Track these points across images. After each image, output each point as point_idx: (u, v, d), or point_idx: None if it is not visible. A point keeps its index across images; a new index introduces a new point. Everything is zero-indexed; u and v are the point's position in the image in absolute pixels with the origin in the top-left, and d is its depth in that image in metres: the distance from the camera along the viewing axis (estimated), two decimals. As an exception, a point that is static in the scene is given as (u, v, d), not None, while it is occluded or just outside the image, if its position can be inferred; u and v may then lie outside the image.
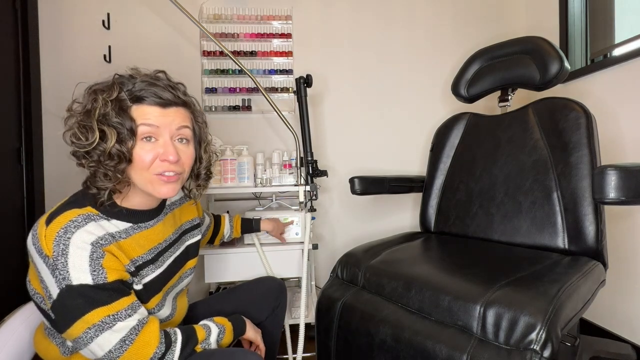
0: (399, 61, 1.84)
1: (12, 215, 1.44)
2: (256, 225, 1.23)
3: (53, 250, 0.57)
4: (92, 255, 0.59)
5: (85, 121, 0.63)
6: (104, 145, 0.62)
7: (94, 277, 0.58)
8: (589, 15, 1.59)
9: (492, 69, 1.29)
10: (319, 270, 1.81)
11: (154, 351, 0.62)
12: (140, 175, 0.67)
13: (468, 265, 0.92)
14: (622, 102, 1.32)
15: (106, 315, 0.59)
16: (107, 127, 0.62)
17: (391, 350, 0.80)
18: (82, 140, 0.63)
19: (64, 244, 0.57)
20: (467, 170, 1.29)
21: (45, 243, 0.58)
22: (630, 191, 0.74)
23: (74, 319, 0.58)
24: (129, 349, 0.60)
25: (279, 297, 1.05)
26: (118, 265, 0.63)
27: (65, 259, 0.57)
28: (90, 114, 0.63)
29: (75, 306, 0.58)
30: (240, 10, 1.71)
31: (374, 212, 1.86)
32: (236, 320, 0.83)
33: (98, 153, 0.63)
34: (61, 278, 0.57)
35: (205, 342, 0.71)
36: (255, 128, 1.75)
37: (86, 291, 0.58)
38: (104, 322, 0.59)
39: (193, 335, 0.70)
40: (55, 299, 0.58)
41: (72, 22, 1.62)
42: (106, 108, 0.63)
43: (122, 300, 0.61)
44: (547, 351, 0.64)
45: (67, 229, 0.58)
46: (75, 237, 0.58)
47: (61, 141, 0.71)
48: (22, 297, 1.46)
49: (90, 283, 0.58)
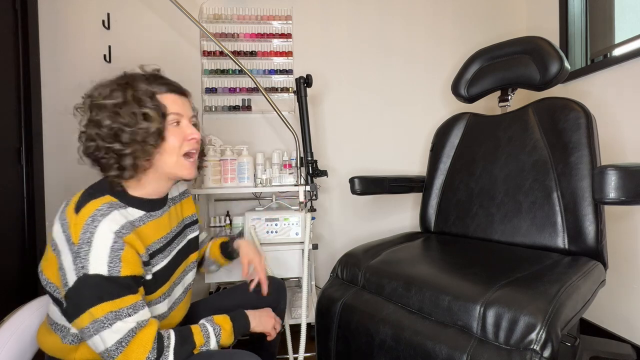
0: (399, 61, 1.84)
1: (12, 215, 1.44)
2: (231, 246, 1.02)
3: (80, 238, 0.61)
4: (113, 246, 0.62)
5: (128, 107, 0.68)
6: (146, 124, 0.68)
7: (109, 268, 0.61)
8: (589, 15, 1.59)
9: (492, 69, 1.29)
10: (319, 270, 1.81)
11: (145, 357, 0.62)
12: (170, 157, 0.73)
13: (468, 265, 0.92)
14: (622, 102, 1.32)
15: (110, 311, 0.60)
16: (147, 109, 0.69)
17: (391, 350, 0.80)
18: (130, 122, 0.67)
19: (90, 232, 0.61)
20: (467, 170, 1.29)
21: (74, 231, 0.61)
22: (630, 191, 0.74)
23: (83, 309, 0.60)
24: (124, 350, 0.61)
25: (278, 296, 1.04)
26: (135, 260, 0.66)
27: (88, 247, 0.60)
28: (129, 101, 0.69)
29: (86, 296, 0.60)
30: (240, 10, 1.71)
31: (374, 212, 1.86)
32: (237, 318, 0.80)
33: (142, 133, 0.68)
34: (80, 266, 0.60)
35: (205, 346, 0.71)
36: (255, 128, 1.75)
37: (99, 282, 0.60)
38: (106, 318, 0.60)
39: (189, 337, 0.70)
40: (71, 286, 0.61)
41: (72, 22, 1.62)
42: (142, 95, 0.70)
43: (128, 297, 0.63)
44: (547, 351, 0.64)
45: (94, 218, 0.62)
46: (101, 226, 0.62)
47: (61, 141, 0.73)
48: (23, 296, 1.47)
49: (105, 274, 0.61)
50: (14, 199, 1.45)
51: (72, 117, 1.72)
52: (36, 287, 1.53)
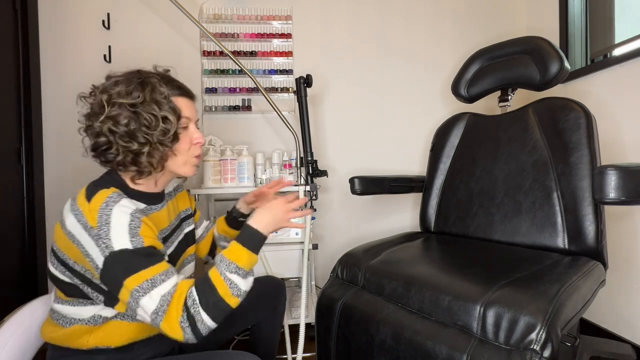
0: (399, 61, 1.84)
1: (12, 215, 1.44)
2: (235, 211, 1.05)
3: (97, 221, 0.63)
4: (130, 224, 0.64)
5: (148, 108, 0.70)
6: (164, 127, 0.71)
7: (132, 242, 0.63)
8: (589, 15, 1.59)
9: (492, 69, 1.29)
10: (319, 270, 1.81)
11: (179, 324, 0.62)
12: (180, 158, 0.77)
13: (468, 265, 0.92)
14: (622, 102, 1.32)
15: (145, 280, 0.62)
16: (166, 112, 0.71)
17: (391, 350, 0.80)
18: (149, 124, 0.69)
19: (107, 215, 0.64)
20: (467, 170, 1.29)
21: (90, 216, 0.64)
22: (630, 191, 0.74)
23: (120, 285, 0.62)
24: (164, 317, 0.62)
25: (278, 296, 1.05)
26: (152, 234, 0.68)
27: (108, 228, 0.63)
28: (148, 101, 0.70)
29: (119, 271, 0.62)
30: (240, 10, 1.71)
31: (374, 212, 1.86)
32: (247, 239, 0.72)
33: (159, 135, 0.70)
34: (104, 247, 0.62)
35: (232, 290, 0.67)
36: (255, 128, 1.75)
37: (127, 256, 0.63)
38: (141, 287, 0.62)
39: (213, 296, 0.65)
40: (102, 268, 0.63)
41: (72, 22, 1.62)
42: (160, 97, 0.71)
43: (158, 265, 0.65)
44: (547, 351, 0.64)
45: (107, 203, 0.65)
46: (115, 209, 0.64)
47: (61, 141, 0.73)
48: (23, 296, 1.47)
49: (130, 247, 0.63)
50: (14, 199, 1.45)
51: (73, 117, 1.73)
52: (36, 287, 1.53)
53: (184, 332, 0.62)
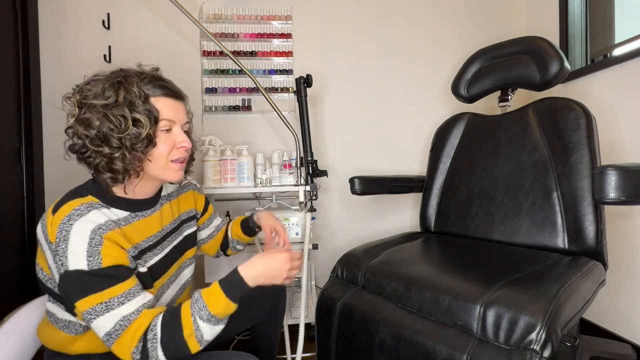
0: (399, 61, 1.84)
1: (12, 215, 1.44)
2: (252, 221, 1.03)
3: (56, 236, 0.60)
4: (90, 242, 0.60)
5: (118, 109, 0.65)
6: (136, 130, 0.66)
7: (89, 262, 0.59)
8: (589, 15, 1.59)
9: (492, 69, 1.29)
10: (319, 270, 1.81)
11: (131, 352, 0.60)
12: (157, 163, 0.71)
13: (468, 265, 0.92)
14: (622, 102, 1.32)
15: (97, 303, 0.59)
16: (138, 114, 0.66)
17: (391, 350, 0.80)
18: (118, 127, 0.65)
19: (66, 231, 0.60)
20: (467, 170, 1.29)
21: (50, 230, 0.61)
22: (630, 191, 0.74)
23: (72, 302, 0.61)
24: (115, 342, 0.60)
25: (278, 296, 1.05)
26: (117, 253, 0.63)
27: (65, 245, 0.60)
28: (120, 103, 0.66)
29: (72, 291, 0.60)
30: (240, 10, 1.71)
31: (374, 212, 1.86)
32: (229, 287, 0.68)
33: (131, 138, 0.66)
34: (60, 264, 0.60)
35: (196, 336, 0.62)
36: (255, 128, 1.75)
37: (81, 277, 0.59)
38: (94, 309, 0.59)
39: (176, 332, 0.62)
40: (58, 283, 0.62)
41: (72, 22, 1.62)
42: (134, 97, 0.67)
43: (118, 286, 0.61)
44: (547, 351, 0.64)
45: (70, 217, 0.61)
46: (77, 225, 0.61)
47: (61, 141, 0.72)
48: (23, 296, 1.47)
49: (85, 269, 0.59)
50: (14, 199, 1.45)
51: (72, 117, 1.70)
52: (36, 287, 1.53)
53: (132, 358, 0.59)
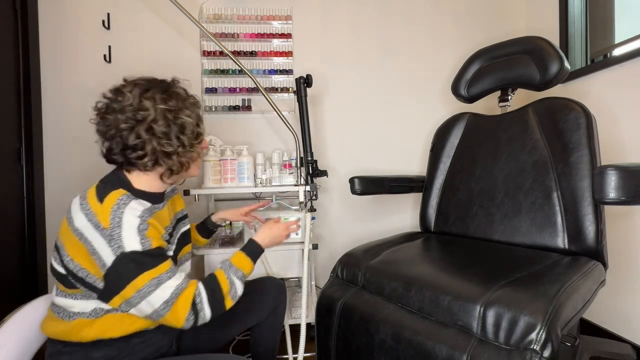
0: (399, 61, 1.84)
1: (12, 215, 1.44)
2: (208, 219, 1.14)
3: (110, 222, 0.68)
4: (139, 227, 0.70)
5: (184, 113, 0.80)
6: (198, 130, 0.84)
7: (142, 244, 0.69)
8: (589, 15, 1.59)
9: (492, 69, 1.29)
10: (319, 270, 1.81)
11: (185, 317, 0.71)
12: (196, 162, 0.88)
13: (468, 265, 0.92)
14: (622, 102, 1.32)
15: (152, 278, 0.69)
16: (197, 119, 0.84)
17: (391, 350, 0.80)
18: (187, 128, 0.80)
19: (119, 217, 0.68)
20: (467, 170, 1.29)
21: (102, 217, 0.68)
22: (630, 191, 0.74)
23: (126, 282, 0.68)
24: (171, 308, 0.69)
25: (278, 296, 1.05)
26: (157, 235, 0.74)
27: (119, 230, 0.68)
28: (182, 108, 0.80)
29: (127, 270, 0.68)
30: (240, 10, 1.71)
31: (374, 212, 1.86)
32: (251, 251, 0.89)
33: (192, 137, 0.81)
34: (117, 247, 0.67)
35: (231, 292, 0.78)
36: (255, 128, 1.75)
37: (136, 257, 0.68)
38: (149, 284, 0.68)
39: (217, 293, 0.76)
40: (110, 266, 0.67)
41: (72, 22, 1.62)
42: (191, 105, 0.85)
43: (164, 264, 0.72)
44: (547, 351, 0.64)
45: (119, 205, 0.69)
46: (126, 211, 0.69)
47: (61, 141, 0.74)
48: (23, 296, 1.47)
49: (140, 249, 0.69)
50: (14, 199, 1.45)
51: (73, 117, 1.72)
52: (37, 287, 1.53)
53: (186, 322, 0.71)
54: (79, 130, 1.61)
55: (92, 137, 1.74)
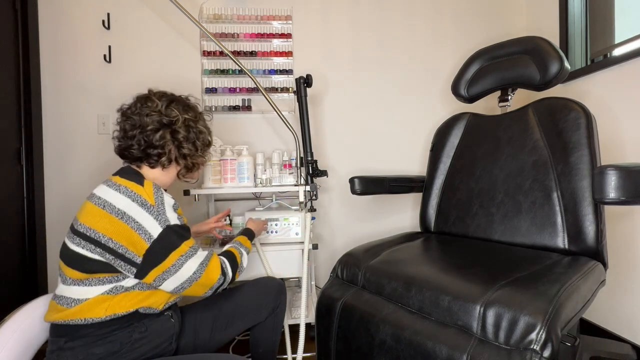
0: (399, 61, 1.84)
1: (12, 215, 1.44)
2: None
3: (155, 200, 0.79)
4: (174, 206, 0.83)
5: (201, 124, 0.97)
6: (209, 139, 1.01)
7: (179, 220, 0.82)
8: (589, 15, 1.59)
9: (492, 69, 1.29)
10: (319, 270, 1.81)
11: (219, 276, 0.85)
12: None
13: (468, 265, 0.92)
14: (622, 102, 1.32)
15: (190, 247, 0.81)
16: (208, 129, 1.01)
17: (391, 350, 0.80)
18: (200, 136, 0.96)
19: (160, 197, 0.81)
20: (467, 170, 1.29)
21: (148, 196, 0.79)
22: (630, 191, 0.74)
23: (171, 250, 0.78)
24: (205, 269, 0.82)
25: (278, 297, 1.05)
26: (183, 215, 0.87)
27: (163, 207, 0.80)
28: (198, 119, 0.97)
29: (172, 240, 0.79)
30: (240, 10, 1.71)
31: (374, 212, 1.86)
32: (249, 235, 1.09)
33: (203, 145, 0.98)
34: (163, 220, 0.78)
35: (241, 266, 0.94)
36: (255, 128, 1.75)
37: (178, 229, 0.81)
38: (190, 250, 0.81)
39: (235, 261, 0.92)
40: (156, 237, 0.77)
41: (72, 22, 1.62)
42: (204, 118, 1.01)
43: (192, 239, 0.84)
44: (547, 351, 0.64)
45: (157, 188, 0.82)
46: (163, 193, 0.82)
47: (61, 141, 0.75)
48: (24, 296, 1.47)
49: (179, 223, 0.82)
50: (14, 199, 1.45)
51: (73, 117, 1.73)
52: (37, 287, 1.53)
53: (217, 282, 0.84)
54: (79, 130, 1.61)
55: (92, 137, 1.74)
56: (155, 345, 0.80)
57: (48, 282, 1.58)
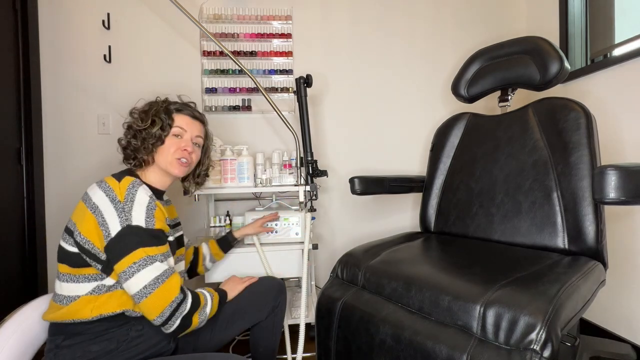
0: (399, 61, 1.84)
1: (12, 215, 1.44)
2: (230, 235, 1.22)
3: (125, 197, 0.78)
4: (148, 205, 0.79)
5: (145, 114, 0.93)
6: (152, 129, 0.91)
7: (146, 222, 0.78)
8: (589, 15, 1.59)
9: (492, 69, 1.29)
10: (319, 270, 1.81)
11: (175, 296, 0.77)
12: (165, 157, 0.93)
13: (468, 265, 0.92)
14: (622, 102, 1.32)
15: (147, 255, 0.75)
16: (156, 118, 0.92)
17: (391, 350, 0.80)
18: (141, 123, 0.91)
19: (132, 194, 0.79)
20: (467, 170, 1.29)
21: (119, 192, 0.78)
22: (630, 191, 0.74)
23: (125, 253, 0.74)
24: (159, 287, 0.75)
25: (278, 297, 1.05)
26: (162, 217, 0.83)
27: (131, 205, 0.77)
28: (149, 110, 0.93)
29: (128, 242, 0.74)
30: (240, 10, 1.71)
31: (374, 212, 1.86)
32: (220, 294, 0.95)
33: (145, 133, 0.91)
34: (125, 219, 0.76)
35: (203, 311, 0.84)
36: (255, 128, 1.75)
37: (139, 232, 0.76)
38: (144, 260, 0.75)
39: (198, 300, 0.83)
40: (114, 236, 0.75)
41: (72, 22, 1.62)
42: (159, 109, 0.94)
43: (160, 247, 0.79)
44: (547, 351, 0.64)
45: (133, 184, 0.80)
46: (139, 191, 0.80)
47: (61, 141, 0.77)
48: (24, 296, 1.47)
49: (143, 226, 0.77)
50: (14, 199, 1.45)
51: (73, 117, 1.73)
52: (36, 287, 1.53)
53: (160, 316, 0.75)
54: (78, 130, 1.62)
55: (92, 137, 1.74)
56: (153, 344, 0.80)
57: (48, 282, 1.58)
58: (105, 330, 0.76)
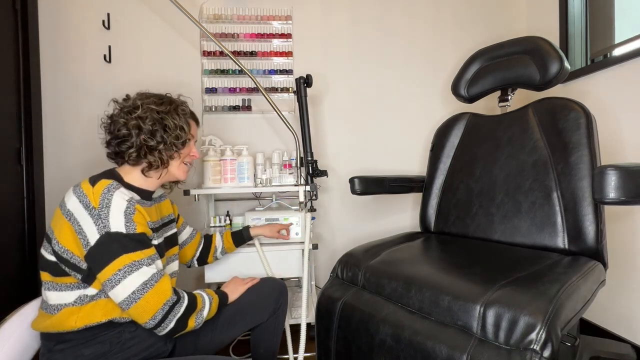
0: (399, 61, 1.84)
1: (12, 215, 1.44)
2: (246, 232, 1.23)
3: (99, 203, 0.73)
4: (126, 210, 0.74)
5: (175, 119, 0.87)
6: (179, 133, 0.88)
7: (127, 227, 0.74)
8: (589, 15, 1.59)
9: (492, 69, 1.29)
10: (319, 270, 1.81)
11: (167, 299, 0.74)
12: (176, 163, 0.91)
13: (468, 265, 0.92)
14: (622, 102, 1.32)
15: (132, 261, 0.72)
16: (183, 124, 0.89)
17: (391, 350, 0.80)
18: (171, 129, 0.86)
19: (108, 199, 0.74)
20: (467, 170, 1.29)
21: (93, 198, 0.73)
22: (630, 191, 0.74)
23: (107, 262, 0.71)
24: (148, 291, 0.72)
25: (280, 298, 1.05)
26: (143, 221, 0.78)
27: (107, 210, 0.73)
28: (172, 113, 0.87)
29: (110, 250, 0.71)
30: (240, 10, 1.71)
31: (374, 212, 1.86)
32: (220, 296, 0.93)
33: (173, 138, 0.86)
34: (102, 226, 0.72)
35: (200, 314, 0.82)
36: (255, 128, 1.75)
37: (120, 238, 0.72)
38: (129, 266, 0.71)
39: (194, 302, 0.81)
40: (93, 245, 0.71)
41: (72, 22, 1.62)
42: (182, 113, 0.90)
43: (145, 250, 0.75)
44: (547, 351, 0.64)
45: (109, 189, 0.75)
46: (116, 195, 0.75)
47: (61, 141, 0.76)
48: (24, 296, 1.47)
49: (124, 232, 0.73)
50: (14, 199, 1.45)
51: (73, 117, 1.73)
52: (37, 287, 1.53)
53: (152, 320, 0.72)
54: (78, 130, 1.61)
55: (93, 137, 1.74)
56: (147, 346, 0.80)
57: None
58: (95, 335, 0.75)
